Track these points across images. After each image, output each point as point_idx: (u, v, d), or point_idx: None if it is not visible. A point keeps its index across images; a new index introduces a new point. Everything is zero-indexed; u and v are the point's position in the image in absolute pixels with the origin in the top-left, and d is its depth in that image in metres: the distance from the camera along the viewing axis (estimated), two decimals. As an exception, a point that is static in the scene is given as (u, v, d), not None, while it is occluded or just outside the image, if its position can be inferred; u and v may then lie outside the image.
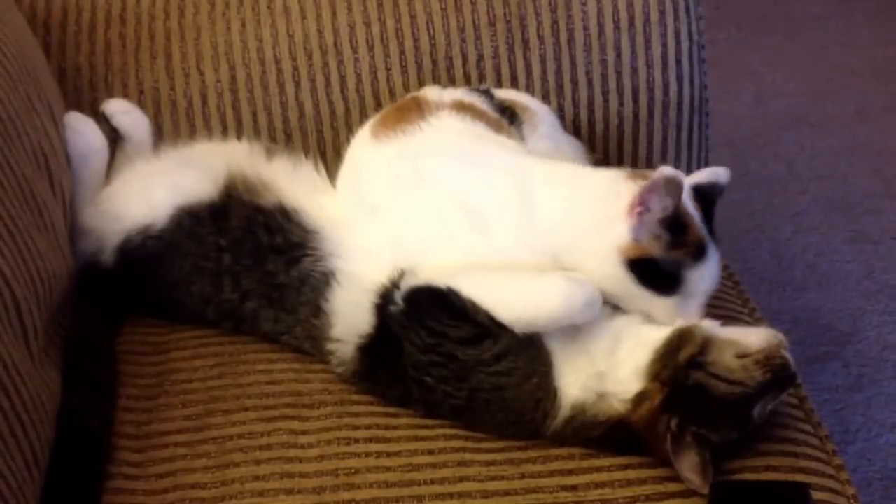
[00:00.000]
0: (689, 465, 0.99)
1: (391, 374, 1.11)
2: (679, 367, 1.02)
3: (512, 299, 1.05)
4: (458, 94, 1.26)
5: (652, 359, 1.04)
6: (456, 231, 1.10)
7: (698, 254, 1.04)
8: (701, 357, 1.03)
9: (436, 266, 1.09)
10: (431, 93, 1.25)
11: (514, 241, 1.08)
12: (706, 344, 1.04)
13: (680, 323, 1.05)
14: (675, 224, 1.03)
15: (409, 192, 1.13)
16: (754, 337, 1.06)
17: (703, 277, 1.05)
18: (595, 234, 1.05)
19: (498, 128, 1.20)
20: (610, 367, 1.05)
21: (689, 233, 1.04)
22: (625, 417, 1.04)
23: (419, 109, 1.20)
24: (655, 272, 1.03)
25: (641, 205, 1.02)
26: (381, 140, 1.18)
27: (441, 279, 1.07)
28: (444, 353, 1.07)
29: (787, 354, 1.04)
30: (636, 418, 1.03)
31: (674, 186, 1.02)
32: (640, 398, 1.03)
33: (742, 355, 1.04)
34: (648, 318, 1.07)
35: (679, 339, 1.04)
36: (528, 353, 1.06)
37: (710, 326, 1.07)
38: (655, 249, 1.03)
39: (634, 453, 1.04)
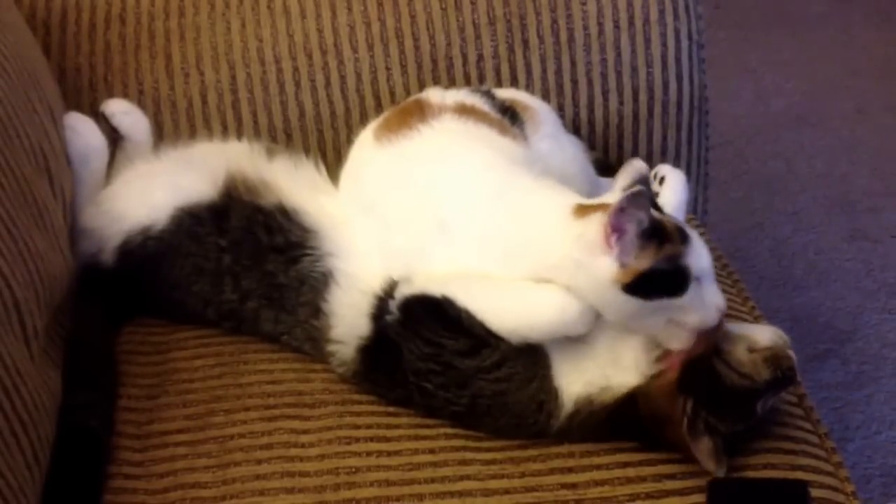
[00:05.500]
0: (705, 450, 1.01)
1: (392, 377, 1.11)
2: (708, 354, 1.03)
3: (506, 311, 1.05)
4: (461, 95, 1.25)
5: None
6: (426, 239, 1.09)
7: (683, 237, 1.03)
8: (721, 346, 1.04)
9: (423, 272, 1.09)
10: (434, 95, 1.25)
11: (479, 255, 1.07)
12: (724, 335, 1.05)
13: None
14: (653, 229, 1.01)
15: (399, 197, 1.14)
16: (761, 334, 1.07)
17: (700, 254, 1.03)
18: (585, 281, 1.02)
19: (501, 129, 1.20)
20: (613, 361, 1.06)
21: (666, 226, 1.02)
22: (638, 390, 1.04)
23: (421, 113, 1.19)
24: (658, 279, 1.01)
25: (616, 231, 1.00)
26: (383, 142, 1.18)
27: (436, 287, 1.07)
28: (442, 363, 1.07)
29: (792, 354, 1.06)
30: (652, 389, 1.03)
31: (639, 199, 1.00)
32: (658, 372, 1.04)
33: (752, 350, 1.05)
34: (675, 331, 1.03)
35: None
36: (526, 357, 1.06)
37: None
38: (646, 262, 1.00)
39: (637, 436, 1.04)
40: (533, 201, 1.08)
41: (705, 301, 1.03)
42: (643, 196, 1.01)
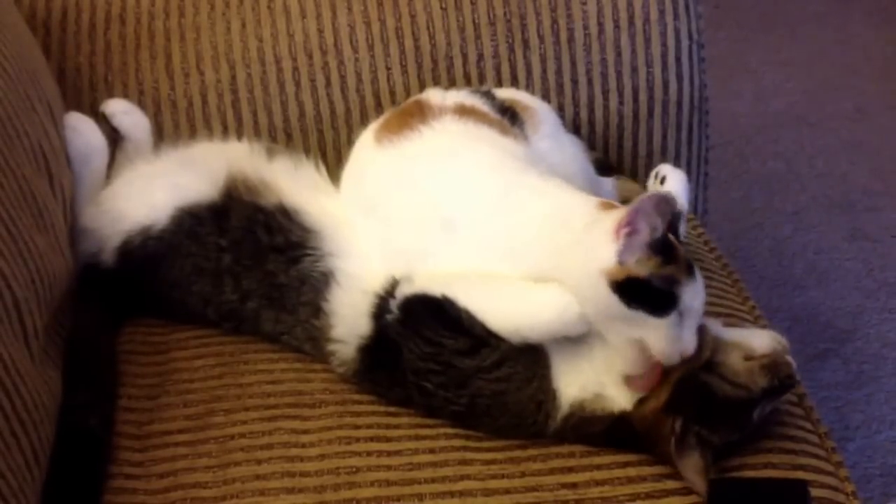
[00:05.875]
0: (692, 467, 1.00)
1: (392, 377, 1.11)
2: (695, 369, 1.02)
3: (506, 311, 1.05)
4: (461, 96, 1.25)
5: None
6: (431, 239, 1.10)
7: (689, 269, 1.02)
8: (712, 358, 1.03)
9: (424, 272, 1.09)
10: (434, 96, 1.25)
11: (486, 253, 1.07)
12: (716, 345, 1.04)
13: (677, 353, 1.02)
14: (663, 243, 1.00)
15: (401, 197, 1.14)
16: (758, 340, 1.06)
17: (695, 295, 1.02)
18: (577, 260, 1.02)
19: (501, 130, 1.20)
20: (609, 369, 1.05)
21: (677, 249, 1.02)
22: (626, 414, 1.04)
23: (421, 114, 1.20)
24: (647, 292, 1.00)
25: (629, 225, 0.99)
26: (384, 144, 1.18)
27: (436, 286, 1.07)
28: (442, 362, 1.07)
29: (791, 360, 1.05)
30: (639, 415, 1.03)
31: (664, 207, 1.00)
32: (644, 396, 1.03)
33: (748, 358, 1.04)
34: (640, 351, 1.03)
35: None
36: (526, 357, 1.06)
37: (714, 327, 1.07)
38: (644, 270, 1.00)
39: (632, 449, 1.04)
40: (551, 198, 1.08)
41: (677, 338, 1.01)
42: (670, 204, 1.00)
